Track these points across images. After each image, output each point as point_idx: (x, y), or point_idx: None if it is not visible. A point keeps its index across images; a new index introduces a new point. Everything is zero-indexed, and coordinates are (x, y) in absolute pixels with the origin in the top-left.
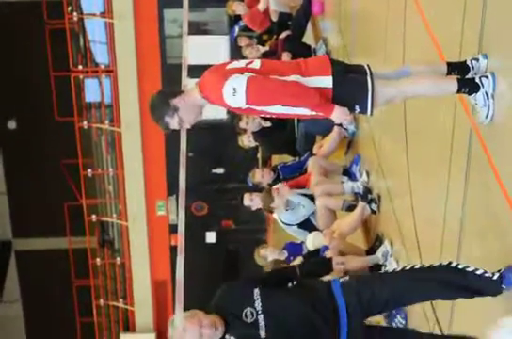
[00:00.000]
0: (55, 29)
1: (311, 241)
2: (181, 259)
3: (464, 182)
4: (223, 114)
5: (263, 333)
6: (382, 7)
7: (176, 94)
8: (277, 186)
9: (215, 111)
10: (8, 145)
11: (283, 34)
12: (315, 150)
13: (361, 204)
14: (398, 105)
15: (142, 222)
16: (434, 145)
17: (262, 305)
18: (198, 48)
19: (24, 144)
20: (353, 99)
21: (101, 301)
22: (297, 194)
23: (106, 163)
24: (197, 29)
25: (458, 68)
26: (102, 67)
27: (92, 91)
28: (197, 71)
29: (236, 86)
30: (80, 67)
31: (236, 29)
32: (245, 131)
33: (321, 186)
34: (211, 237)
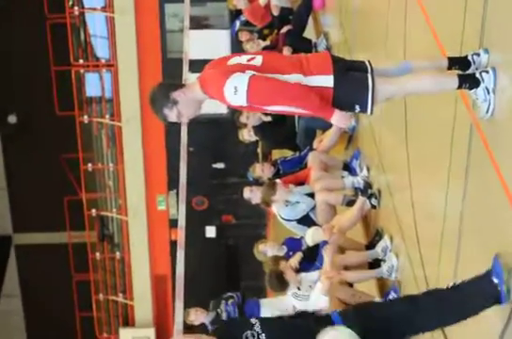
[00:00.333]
0: (55, 23)
1: (310, 236)
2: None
3: (464, 177)
4: (224, 108)
5: None
6: (383, 1)
7: (177, 87)
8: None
9: (215, 106)
10: (9, 139)
11: (284, 29)
12: (316, 144)
13: (361, 199)
14: (399, 100)
15: (142, 217)
16: (434, 140)
17: (261, 328)
18: (198, 43)
19: (25, 138)
20: (353, 98)
21: (100, 296)
22: (297, 193)
23: (107, 157)
24: (198, 24)
25: (459, 63)
26: (102, 61)
27: (93, 86)
28: (197, 65)
29: (238, 85)
30: (81, 61)
31: (237, 24)
32: (245, 125)
33: (321, 181)
34: (211, 232)
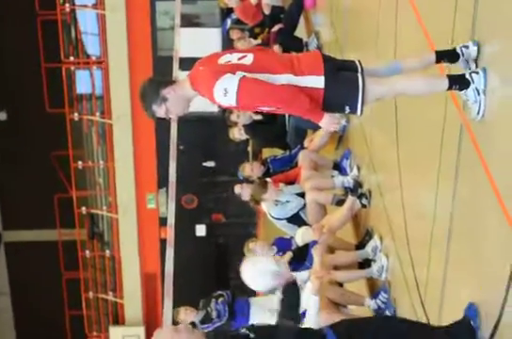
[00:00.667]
0: (46, 20)
1: (300, 236)
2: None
3: (454, 178)
4: (214, 107)
5: None
6: (374, 0)
7: (167, 84)
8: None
9: (206, 104)
10: None
11: (276, 27)
12: (306, 144)
13: (351, 199)
14: (389, 101)
15: (132, 215)
16: (425, 140)
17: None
18: (189, 40)
19: (15, 135)
20: (343, 99)
21: (90, 294)
22: (287, 193)
23: (97, 155)
24: (189, 22)
25: (447, 55)
26: (93, 58)
27: (83, 83)
28: (188, 63)
29: (227, 87)
30: (71, 58)
31: (228, 22)
32: (236, 124)
33: (311, 181)
34: (201, 231)
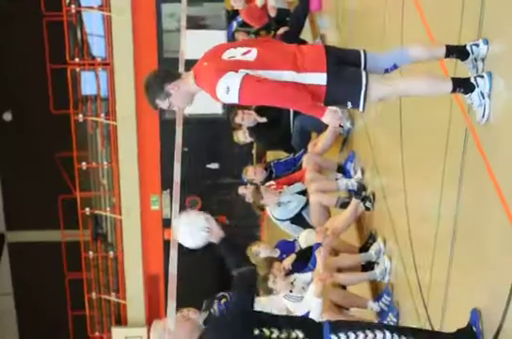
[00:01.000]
0: (52, 21)
1: (303, 239)
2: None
3: (459, 181)
4: (219, 109)
5: None
6: (380, 3)
7: (172, 79)
8: (268, 184)
9: (210, 106)
10: (4, 137)
11: (281, 30)
12: (310, 148)
13: (355, 201)
14: (394, 103)
15: (136, 216)
16: (429, 144)
17: None
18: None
19: (20, 136)
20: (346, 95)
21: (93, 295)
22: (287, 194)
23: (101, 156)
24: (194, 24)
25: (457, 51)
26: (98, 60)
27: (88, 84)
28: (193, 65)
29: (230, 85)
30: (77, 60)
31: (234, 24)
32: (240, 126)
33: (315, 183)
34: None
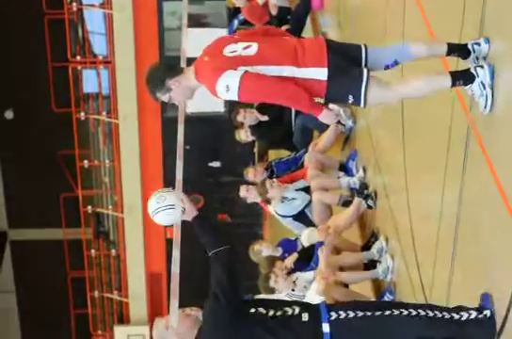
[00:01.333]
0: (53, 19)
1: (306, 237)
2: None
3: (461, 179)
4: (221, 107)
5: None
6: (382, 1)
7: (173, 74)
8: (271, 181)
9: (212, 104)
10: (5, 135)
11: (282, 28)
12: (311, 148)
13: (357, 200)
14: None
15: (138, 214)
16: (431, 142)
17: None
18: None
19: (21, 134)
20: (347, 90)
21: (95, 293)
22: (292, 190)
23: (103, 154)
24: (196, 22)
25: (459, 50)
26: (100, 58)
27: (90, 82)
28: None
29: (230, 83)
30: (78, 58)
31: (235, 23)
32: (242, 124)
33: (317, 181)
34: None
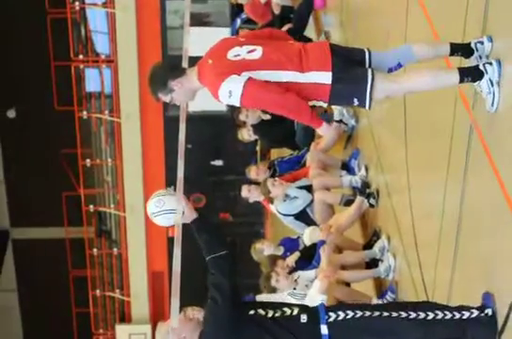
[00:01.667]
0: (56, 18)
1: (308, 236)
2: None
3: (463, 178)
4: (223, 106)
5: None
6: (385, 0)
7: (176, 76)
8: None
9: (215, 103)
10: (8, 134)
11: (285, 27)
12: (313, 147)
13: (359, 199)
14: (398, 100)
15: (140, 213)
16: (433, 141)
17: None
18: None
19: (24, 133)
20: (351, 93)
21: (97, 292)
22: (294, 187)
23: (105, 153)
24: (199, 21)
25: (462, 49)
26: (102, 57)
27: (92, 81)
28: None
29: (233, 89)
30: (81, 57)
31: (238, 22)
32: (244, 123)
33: (319, 180)
34: None
